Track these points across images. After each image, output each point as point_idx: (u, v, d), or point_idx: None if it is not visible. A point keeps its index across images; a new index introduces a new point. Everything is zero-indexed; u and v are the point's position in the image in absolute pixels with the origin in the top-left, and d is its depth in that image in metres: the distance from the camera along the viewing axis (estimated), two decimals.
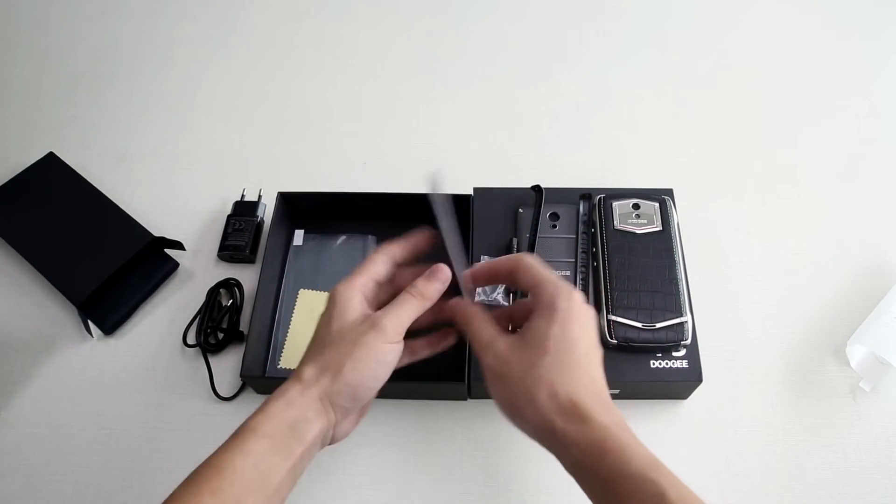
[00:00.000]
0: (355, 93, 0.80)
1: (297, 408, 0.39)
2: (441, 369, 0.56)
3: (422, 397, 0.58)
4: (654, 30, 0.84)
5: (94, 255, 0.64)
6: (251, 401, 0.59)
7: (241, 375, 0.57)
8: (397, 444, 0.56)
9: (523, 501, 0.54)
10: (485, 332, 0.42)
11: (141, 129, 0.78)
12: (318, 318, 0.44)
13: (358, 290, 0.43)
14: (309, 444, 0.39)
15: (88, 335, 0.62)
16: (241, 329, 0.62)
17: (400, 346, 0.42)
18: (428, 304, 0.43)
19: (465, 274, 0.46)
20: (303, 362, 0.42)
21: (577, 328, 0.39)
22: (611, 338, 0.53)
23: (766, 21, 0.85)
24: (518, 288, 0.43)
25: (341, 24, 0.87)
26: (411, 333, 0.46)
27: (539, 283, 0.41)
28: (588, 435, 0.36)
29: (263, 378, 0.59)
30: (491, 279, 0.46)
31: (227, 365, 0.61)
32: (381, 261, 0.45)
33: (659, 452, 0.38)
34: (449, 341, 0.48)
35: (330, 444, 0.43)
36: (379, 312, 0.42)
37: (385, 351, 0.41)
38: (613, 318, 0.54)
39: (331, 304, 0.43)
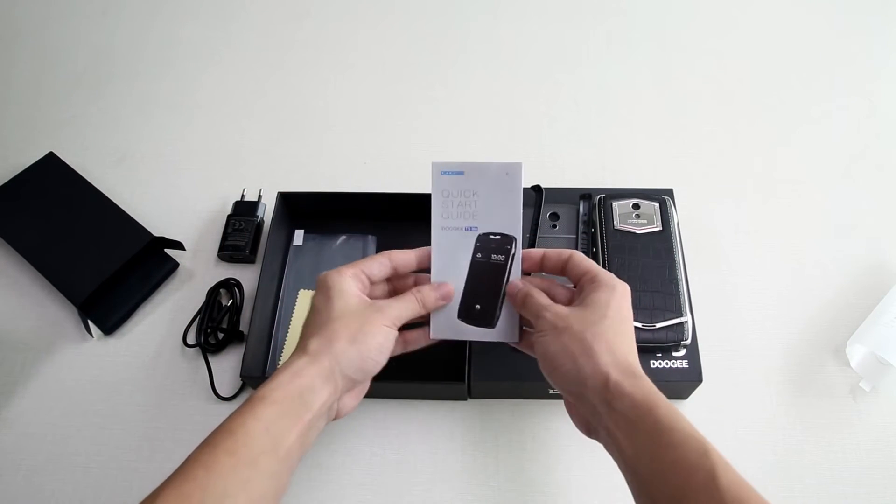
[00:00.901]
0: (355, 93, 0.80)
1: (305, 377, 0.41)
2: (441, 369, 0.56)
3: (422, 397, 0.58)
4: (653, 30, 0.84)
5: (94, 255, 0.64)
6: None
7: (241, 375, 0.57)
8: (397, 444, 0.56)
9: (523, 501, 0.54)
10: (544, 299, 0.45)
11: (140, 129, 0.78)
12: (312, 301, 0.46)
13: (349, 278, 0.45)
14: (316, 411, 0.41)
15: (88, 335, 0.62)
16: (241, 329, 0.63)
17: (396, 335, 0.45)
18: (424, 311, 0.47)
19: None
20: (305, 337, 0.44)
21: (628, 310, 0.44)
22: None
23: (765, 21, 0.85)
24: (566, 276, 0.47)
25: (341, 24, 0.87)
26: (405, 326, 0.48)
27: (595, 270, 0.45)
28: (641, 388, 0.39)
29: (263, 378, 0.58)
30: (539, 266, 0.48)
31: (227, 365, 0.61)
32: (378, 261, 0.47)
33: None
34: None
35: (334, 418, 0.45)
36: (383, 301, 0.46)
37: (387, 332, 0.44)
38: None
39: (325, 287, 0.45)
